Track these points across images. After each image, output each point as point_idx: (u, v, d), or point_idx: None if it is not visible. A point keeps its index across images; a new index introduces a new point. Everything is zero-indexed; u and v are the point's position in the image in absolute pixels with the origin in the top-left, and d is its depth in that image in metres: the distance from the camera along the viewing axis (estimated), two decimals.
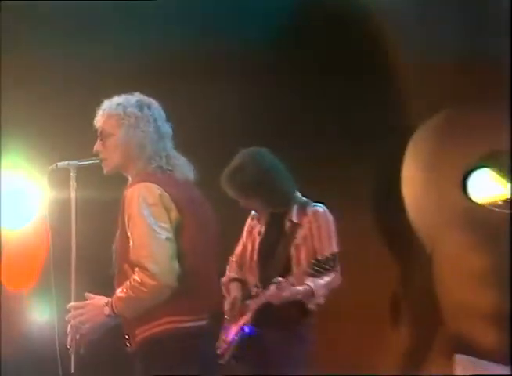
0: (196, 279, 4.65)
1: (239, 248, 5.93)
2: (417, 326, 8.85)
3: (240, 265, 5.92)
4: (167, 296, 4.47)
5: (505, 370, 7.13)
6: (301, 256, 5.67)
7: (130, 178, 4.78)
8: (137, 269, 4.44)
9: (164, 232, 4.52)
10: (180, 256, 4.61)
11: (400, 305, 8.84)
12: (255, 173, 5.73)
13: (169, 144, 4.87)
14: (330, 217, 5.82)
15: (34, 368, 6.69)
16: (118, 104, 4.81)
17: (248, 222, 5.92)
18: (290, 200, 5.84)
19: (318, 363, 5.96)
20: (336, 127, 8.06)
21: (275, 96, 7.60)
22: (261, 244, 5.78)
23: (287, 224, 5.76)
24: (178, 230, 4.62)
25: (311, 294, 5.57)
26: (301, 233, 5.68)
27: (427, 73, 8.10)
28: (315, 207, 5.80)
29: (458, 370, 7.07)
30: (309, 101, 7.83)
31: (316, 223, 5.72)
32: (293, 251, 5.66)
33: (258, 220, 5.90)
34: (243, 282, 5.85)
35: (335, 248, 5.75)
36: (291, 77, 7.92)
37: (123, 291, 4.50)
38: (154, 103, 4.89)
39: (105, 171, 4.82)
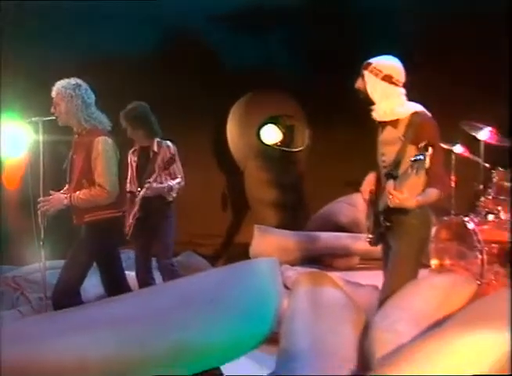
0: (120, 192, 4.81)
1: (128, 175, 5.76)
2: (236, 211, 9.16)
3: (130, 184, 5.73)
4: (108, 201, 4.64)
5: (284, 233, 7.38)
6: (160, 171, 5.62)
7: (79, 130, 4.76)
8: (97, 186, 4.57)
9: (114, 167, 4.68)
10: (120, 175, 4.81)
11: (226, 199, 9.10)
12: (141, 111, 5.67)
13: (94, 108, 4.80)
14: (175, 147, 5.73)
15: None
16: (62, 86, 4.76)
17: (129, 157, 5.79)
18: (156, 136, 5.71)
19: (181, 232, 5.99)
20: (193, 101, 7.91)
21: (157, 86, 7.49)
22: (136, 167, 5.76)
23: (151, 153, 5.67)
24: (118, 166, 4.75)
25: (170, 189, 5.59)
26: (158, 157, 5.65)
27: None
28: (166, 142, 5.73)
29: (256, 234, 7.16)
30: (174, 89, 7.73)
31: (168, 151, 5.68)
32: (156, 168, 5.60)
33: (133, 154, 5.79)
34: (132, 193, 5.66)
35: (179, 163, 5.71)
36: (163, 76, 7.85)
37: (84, 194, 4.61)
38: (83, 84, 4.78)
39: (60, 124, 4.78)
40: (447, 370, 2.10)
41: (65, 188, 4.91)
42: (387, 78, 3.82)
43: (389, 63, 3.87)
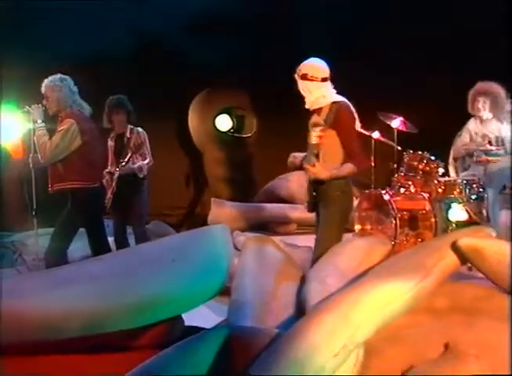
0: (92, 169, 4.88)
1: (109, 158, 5.67)
2: (196, 187, 9.10)
3: (111, 165, 5.63)
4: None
5: (235, 205, 7.30)
6: (133, 153, 5.53)
7: (60, 117, 4.77)
8: (47, 146, 4.67)
9: (64, 144, 4.67)
10: (87, 156, 4.79)
11: (189, 176, 9.01)
12: (123, 100, 5.62)
13: (78, 97, 4.84)
14: (145, 134, 5.67)
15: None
16: (50, 81, 4.78)
17: (108, 143, 5.70)
18: (133, 122, 5.66)
19: (150, 204, 5.94)
20: (161, 95, 7.87)
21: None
22: (114, 151, 5.67)
23: (125, 139, 5.61)
24: (82, 145, 4.73)
25: (140, 168, 5.55)
26: (131, 141, 5.58)
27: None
28: (138, 129, 5.66)
29: (213, 206, 7.23)
30: (145, 85, 7.62)
31: (139, 137, 5.62)
32: (129, 151, 5.52)
33: (111, 140, 5.71)
34: (111, 173, 5.57)
35: (148, 147, 5.66)
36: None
37: (44, 137, 4.69)
38: (68, 78, 4.82)
39: (50, 113, 4.81)
40: (365, 314, 2.13)
41: None
42: (304, 76, 3.90)
43: (306, 64, 3.94)
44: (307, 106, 3.97)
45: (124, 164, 5.49)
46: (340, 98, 3.89)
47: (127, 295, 2.59)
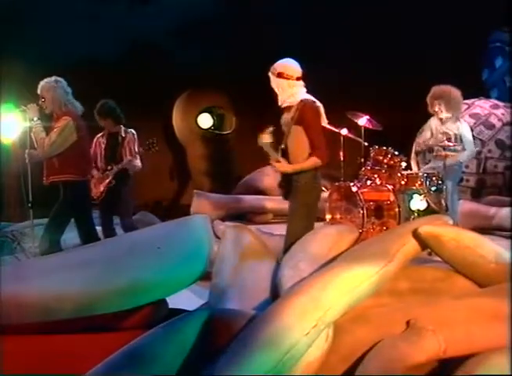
0: (82, 164, 4.90)
1: (93, 152, 5.53)
2: (180, 180, 9.09)
3: (95, 160, 5.54)
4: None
5: (216, 196, 7.26)
6: (127, 152, 5.53)
7: (55, 115, 4.78)
8: (46, 141, 4.67)
9: (61, 141, 4.67)
10: (80, 151, 4.82)
11: (173, 170, 9.04)
12: (109, 106, 5.54)
13: (71, 97, 4.83)
14: (135, 134, 5.63)
15: None
16: (46, 82, 4.80)
17: (96, 139, 5.61)
18: (121, 123, 5.58)
19: (139, 196, 6.00)
20: (148, 95, 7.80)
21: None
22: (105, 147, 5.58)
23: (119, 138, 5.56)
24: (77, 141, 4.75)
25: (135, 166, 5.54)
26: (125, 141, 5.54)
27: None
28: (130, 130, 5.61)
29: (195, 197, 7.13)
30: (134, 86, 7.68)
31: (132, 137, 5.58)
32: (122, 150, 5.53)
33: (102, 137, 5.62)
34: (97, 167, 5.52)
35: (137, 146, 5.59)
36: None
37: (41, 135, 4.69)
38: (62, 79, 4.83)
39: (46, 112, 4.81)
40: (335, 296, 2.14)
41: None
42: (280, 75, 3.88)
43: (281, 63, 3.92)
44: (279, 104, 3.95)
45: (127, 161, 5.49)
46: (308, 96, 3.87)
47: (115, 280, 2.56)
